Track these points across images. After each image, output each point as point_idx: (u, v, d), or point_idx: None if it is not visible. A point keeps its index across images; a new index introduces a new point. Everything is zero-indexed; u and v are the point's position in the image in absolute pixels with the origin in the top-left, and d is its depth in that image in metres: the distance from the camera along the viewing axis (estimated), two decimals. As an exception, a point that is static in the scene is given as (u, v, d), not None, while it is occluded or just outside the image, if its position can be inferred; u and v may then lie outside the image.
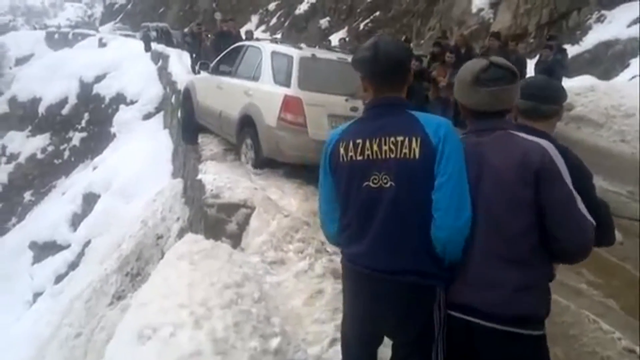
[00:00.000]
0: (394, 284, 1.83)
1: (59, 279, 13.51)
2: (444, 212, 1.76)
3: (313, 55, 5.93)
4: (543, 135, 1.91)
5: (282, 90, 5.69)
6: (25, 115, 26.70)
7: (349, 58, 6.21)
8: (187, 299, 2.92)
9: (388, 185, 1.83)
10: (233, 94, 6.58)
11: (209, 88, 7.45)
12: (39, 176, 24.43)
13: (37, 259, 16.26)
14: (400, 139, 1.83)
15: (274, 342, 2.67)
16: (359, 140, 1.91)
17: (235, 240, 4.84)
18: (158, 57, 20.91)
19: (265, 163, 5.94)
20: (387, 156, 1.84)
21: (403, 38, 13.35)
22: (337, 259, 3.99)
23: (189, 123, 8.27)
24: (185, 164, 9.27)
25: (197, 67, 10.45)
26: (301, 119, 5.54)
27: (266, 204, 4.95)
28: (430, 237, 1.80)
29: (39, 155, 25.16)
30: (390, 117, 1.91)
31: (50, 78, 26.01)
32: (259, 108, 5.90)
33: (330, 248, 4.05)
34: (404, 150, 1.81)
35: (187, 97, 8.33)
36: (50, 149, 25.08)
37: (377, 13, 21.62)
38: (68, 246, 14.40)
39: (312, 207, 4.97)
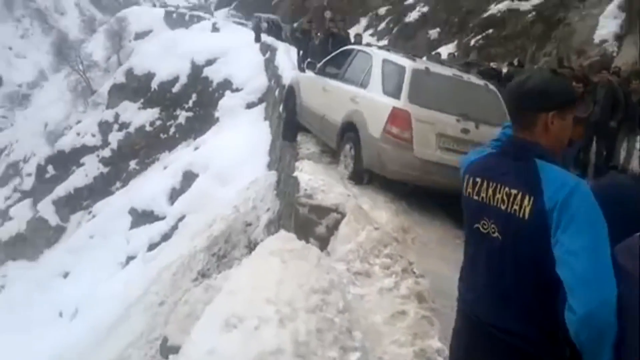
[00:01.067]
0: (499, 342, 1.69)
1: (151, 247, 14.38)
2: (569, 292, 1.49)
3: (427, 68, 5.66)
4: None
5: (391, 102, 5.46)
6: (139, 87, 28.33)
7: (465, 76, 6.07)
8: (275, 296, 3.03)
9: (495, 235, 1.71)
10: (338, 99, 6.45)
11: (313, 89, 7.34)
12: (145, 147, 26.04)
13: (134, 225, 17.39)
14: (514, 192, 1.66)
15: (353, 357, 2.72)
16: (478, 179, 1.80)
17: (323, 242, 4.93)
18: (266, 49, 21.48)
19: (362, 176, 5.79)
20: (498, 205, 1.70)
21: (515, 61, 12.82)
22: (423, 281, 3.98)
23: (290, 121, 8.22)
24: (281, 158, 9.52)
25: (303, 65, 10.56)
26: (407, 134, 5.29)
27: (357, 213, 5.00)
28: (546, 307, 1.61)
29: (147, 128, 26.77)
30: (513, 163, 1.72)
31: (165, 55, 27.37)
32: (364, 117, 5.72)
33: (418, 270, 4.04)
34: (514, 206, 1.65)
35: (290, 95, 8.26)
36: (158, 123, 26.61)
37: (490, 30, 20.86)
38: (164, 218, 15.26)
39: (402, 223, 4.97)
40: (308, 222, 5.15)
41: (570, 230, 1.52)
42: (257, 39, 24.60)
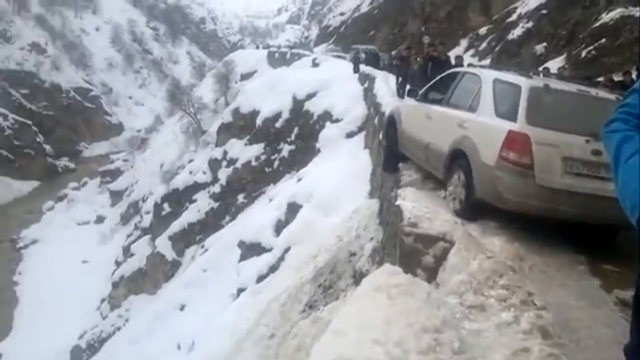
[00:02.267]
0: None
1: (260, 278, 14.71)
2: None
3: (546, 85, 5.16)
4: None
5: (506, 125, 5.01)
6: (245, 125, 29.77)
7: (592, 91, 5.49)
8: (383, 336, 2.87)
9: None
10: (444, 125, 6.05)
11: (416, 117, 7.03)
12: (251, 181, 27.12)
13: (243, 257, 17.99)
14: None
15: (474, 404, 2.46)
16: None
17: (430, 274, 4.68)
18: (365, 79, 21.71)
19: (474, 210, 5.29)
20: None
21: (634, 69, 11.65)
22: (546, 314, 3.60)
23: (391, 152, 7.92)
24: (383, 185, 9.38)
25: (402, 92, 10.40)
26: (527, 159, 4.79)
27: (467, 241, 4.69)
28: None
29: (253, 163, 27.90)
30: None
31: (268, 93, 28.63)
32: (475, 143, 5.27)
33: (539, 301, 3.65)
34: None
35: (391, 125, 7.98)
36: (263, 157, 27.65)
37: (603, 40, 19.49)
38: (270, 249, 15.61)
39: (517, 250, 4.58)
40: (414, 252, 4.92)
41: None
42: (356, 69, 25.07)
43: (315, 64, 33.83)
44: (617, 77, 10.78)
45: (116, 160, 60.41)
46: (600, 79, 11.22)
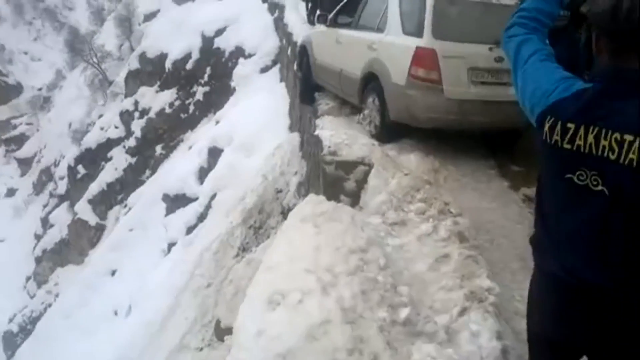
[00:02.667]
0: (599, 298, 1.55)
1: (189, 230, 14.47)
2: None
3: None
4: None
5: (413, 42, 4.94)
6: (154, 71, 28.01)
7: None
8: (313, 264, 2.94)
9: (598, 189, 1.48)
10: (354, 49, 5.95)
11: (327, 44, 6.81)
12: (168, 130, 26.07)
13: (169, 210, 17.50)
14: (629, 138, 1.39)
15: (403, 313, 2.62)
16: (571, 125, 1.52)
17: (354, 198, 4.80)
18: (274, 8, 20.97)
19: (390, 133, 5.34)
20: (605, 155, 1.45)
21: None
22: (462, 220, 3.81)
23: (306, 83, 7.71)
24: (302, 117, 9.32)
25: (313, 18, 10.05)
26: (435, 74, 4.79)
27: (385, 162, 4.82)
28: None
29: (167, 110, 26.67)
30: (622, 102, 1.44)
31: (175, 33, 26.86)
32: (385, 64, 5.23)
33: (454, 209, 3.86)
34: (630, 155, 1.39)
35: (303, 54, 7.74)
36: (177, 103, 26.47)
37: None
38: (196, 199, 15.25)
39: (432, 163, 4.78)
40: (336, 179, 5.00)
41: None
42: (264, -2, 24.00)
43: (221, -5, 32.11)
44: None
45: (19, 125, 55.90)
46: None
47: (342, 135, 5.44)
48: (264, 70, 18.51)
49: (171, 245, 15.12)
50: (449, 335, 2.72)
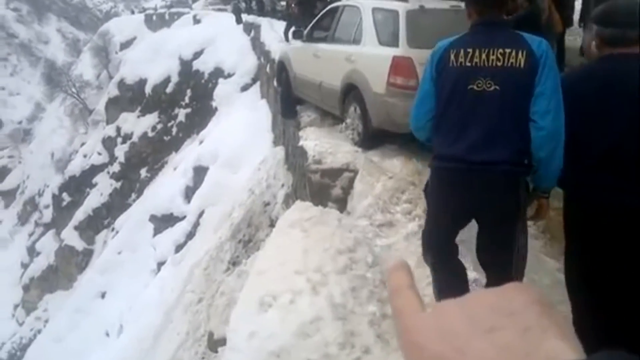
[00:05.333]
0: (489, 173, 2.17)
1: (178, 248, 14.46)
2: (543, 116, 2.09)
3: (421, 6, 5.28)
4: None
5: (390, 51, 5.09)
6: (134, 96, 28.28)
7: (463, 4, 5.66)
8: (303, 266, 2.99)
9: (492, 89, 2.16)
10: (332, 62, 6.07)
11: (305, 58, 6.97)
12: (152, 153, 26.09)
13: (157, 231, 17.49)
14: (508, 50, 2.15)
15: (392, 306, 2.66)
16: (470, 50, 2.22)
17: (341, 204, 4.88)
18: (250, 28, 21.23)
19: (374, 138, 5.43)
20: (494, 64, 2.17)
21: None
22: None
23: (286, 97, 7.87)
24: (285, 131, 9.41)
25: (289, 35, 10.23)
26: (414, 81, 4.85)
27: (369, 167, 4.92)
28: (524, 135, 2.14)
29: (150, 134, 26.76)
30: (497, 33, 2.25)
31: (153, 59, 27.23)
32: (364, 74, 5.37)
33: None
34: (510, 60, 2.14)
35: (282, 70, 7.91)
36: (159, 126, 26.57)
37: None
38: (184, 217, 15.29)
39: (416, 167, 4.86)
40: (322, 187, 5.09)
41: (551, 71, 2.12)
42: (238, 20, 24.38)
43: (197, 21, 32.67)
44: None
45: (0, 158, 55.46)
46: None
47: (325, 144, 5.54)
48: (245, 88, 18.71)
49: (161, 264, 15.06)
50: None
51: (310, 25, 7.16)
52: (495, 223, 2.28)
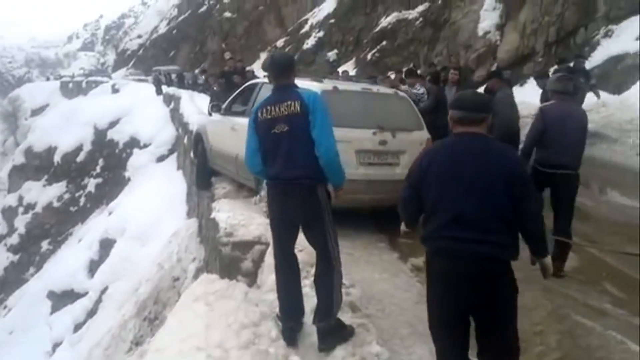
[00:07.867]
0: (296, 186, 3.17)
1: (77, 327, 13.37)
2: (319, 138, 3.10)
3: (335, 87, 5.60)
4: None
5: None
6: (41, 165, 27.08)
7: (374, 88, 6.00)
8: (204, 342, 2.87)
9: (285, 129, 3.16)
10: None
11: (222, 131, 7.05)
12: (55, 224, 24.61)
13: (55, 308, 16.15)
14: (289, 103, 3.18)
15: (296, 382, 2.57)
16: (269, 107, 3.25)
17: (251, 278, 4.78)
18: (170, 100, 21.23)
19: None
20: (283, 113, 3.18)
21: (411, 65, 13.31)
22: (354, 291, 3.90)
23: (202, 169, 7.89)
24: (199, 203, 9.26)
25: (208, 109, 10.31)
26: None
27: (280, 240, 4.88)
28: (313, 156, 3.12)
29: (55, 204, 25.41)
30: (285, 92, 3.26)
31: (65, 127, 26.42)
32: None
33: (347, 281, 3.95)
34: (292, 109, 3.17)
35: (198, 142, 7.99)
36: (66, 196, 25.34)
37: (384, 43, 21.85)
38: (86, 293, 14.29)
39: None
40: (233, 260, 4.98)
41: (316, 114, 3.14)
42: (159, 91, 24.40)
43: (115, 90, 32.17)
44: (392, 75, 12.06)
45: None
46: (391, 74, 12.61)
47: (239, 216, 5.49)
48: (161, 159, 18.39)
49: (56, 345, 13.79)
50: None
51: (229, 99, 7.29)
52: (308, 223, 3.27)
